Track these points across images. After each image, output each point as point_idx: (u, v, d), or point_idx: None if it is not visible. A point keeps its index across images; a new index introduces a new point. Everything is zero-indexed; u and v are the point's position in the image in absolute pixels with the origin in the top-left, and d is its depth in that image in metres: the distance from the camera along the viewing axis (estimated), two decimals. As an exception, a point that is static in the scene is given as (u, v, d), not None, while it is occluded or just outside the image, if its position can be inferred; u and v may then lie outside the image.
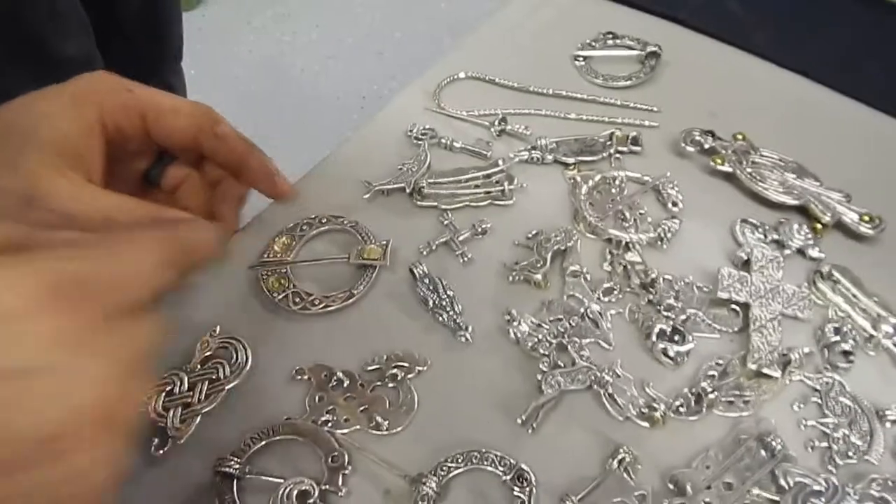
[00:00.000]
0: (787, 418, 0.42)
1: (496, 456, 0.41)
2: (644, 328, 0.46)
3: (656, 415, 0.41)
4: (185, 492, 0.42)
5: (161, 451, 0.44)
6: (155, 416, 0.45)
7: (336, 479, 0.41)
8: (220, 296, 0.51)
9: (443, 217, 0.54)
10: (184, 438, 0.44)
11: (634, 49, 0.63)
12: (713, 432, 0.42)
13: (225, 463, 0.42)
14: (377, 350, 0.47)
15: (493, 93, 0.63)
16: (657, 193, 0.53)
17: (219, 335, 0.48)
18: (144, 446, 0.44)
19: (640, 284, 0.47)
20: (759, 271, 0.47)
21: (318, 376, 0.46)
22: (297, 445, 0.44)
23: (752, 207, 0.52)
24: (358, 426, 0.44)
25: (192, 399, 0.45)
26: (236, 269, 0.52)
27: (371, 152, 0.59)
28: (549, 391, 0.43)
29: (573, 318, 0.46)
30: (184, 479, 0.43)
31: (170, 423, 0.44)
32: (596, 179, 0.53)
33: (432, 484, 0.40)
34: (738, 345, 0.45)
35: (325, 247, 0.53)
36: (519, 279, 0.49)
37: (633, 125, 0.58)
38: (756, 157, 0.52)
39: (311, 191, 0.57)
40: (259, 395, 0.46)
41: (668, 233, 0.49)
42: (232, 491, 0.42)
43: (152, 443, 0.44)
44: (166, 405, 0.45)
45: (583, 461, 0.42)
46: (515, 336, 0.46)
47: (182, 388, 0.46)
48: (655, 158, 0.56)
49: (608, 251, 0.50)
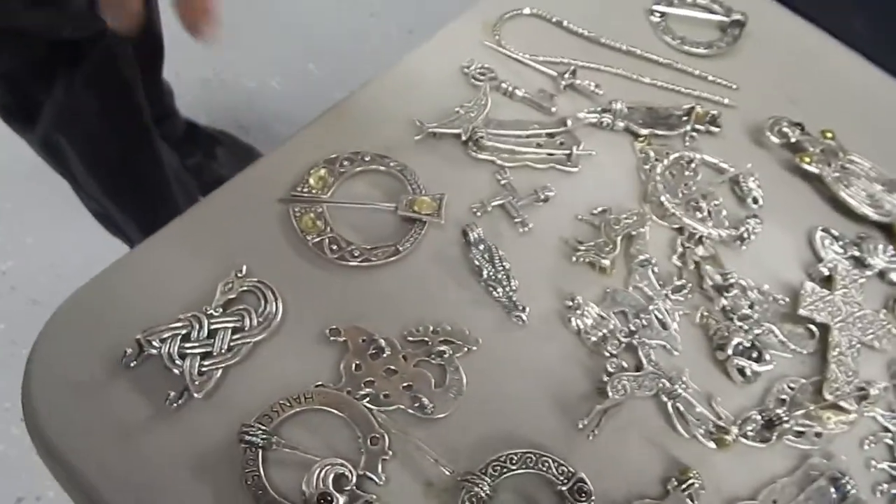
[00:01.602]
0: (855, 456, 0.39)
1: (553, 461, 0.36)
2: (717, 337, 0.41)
3: (727, 438, 0.37)
4: (202, 455, 0.36)
5: (176, 405, 0.37)
6: (169, 362, 0.38)
7: (375, 465, 0.36)
8: (246, 229, 0.43)
9: (499, 175, 0.46)
10: (202, 393, 0.37)
11: (717, 14, 0.55)
12: (780, 462, 0.38)
13: (251, 431, 0.35)
14: (421, 318, 0.41)
15: (557, 37, 0.54)
16: (734, 185, 0.47)
17: (245, 277, 0.41)
18: (158, 397, 0.37)
19: (714, 286, 0.42)
20: (841, 291, 0.42)
21: (355, 340, 0.40)
22: (329, 418, 0.37)
23: (831, 215, 0.47)
24: (399, 405, 0.38)
25: (213, 349, 0.38)
26: (264, 199, 0.44)
27: (419, 84, 0.50)
28: (616, 396, 0.38)
29: (641, 315, 0.41)
30: (202, 440, 0.36)
31: (187, 375, 0.37)
32: (671, 158, 0.47)
33: (485, 486, 0.35)
34: (809, 367, 0.41)
35: (365, 189, 0.45)
36: (583, 261, 0.43)
37: (711, 101, 0.51)
38: (845, 162, 0.47)
39: (352, 120, 0.48)
40: (288, 353, 0.39)
41: (751, 233, 0.43)
42: (257, 463, 0.35)
43: (167, 395, 0.37)
44: (182, 352, 0.38)
45: (640, 476, 0.37)
46: (577, 326, 0.40)
47: (201, 335, 0.39)
48: (732, 143, 0.49)
49: (680, 242, 0.44)
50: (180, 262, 0.42)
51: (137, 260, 0.42)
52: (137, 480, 0.36)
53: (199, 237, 0.43)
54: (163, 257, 0.42)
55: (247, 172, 0.46)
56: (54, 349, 0.39)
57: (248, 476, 0.35)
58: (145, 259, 0.42)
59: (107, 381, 0.38)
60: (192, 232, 0.43)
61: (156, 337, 0.38)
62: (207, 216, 0.44)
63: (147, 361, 0.38)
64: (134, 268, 0.42)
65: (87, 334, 0.39)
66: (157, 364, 0.38)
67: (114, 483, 0.36)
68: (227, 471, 0.36)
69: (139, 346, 0.38)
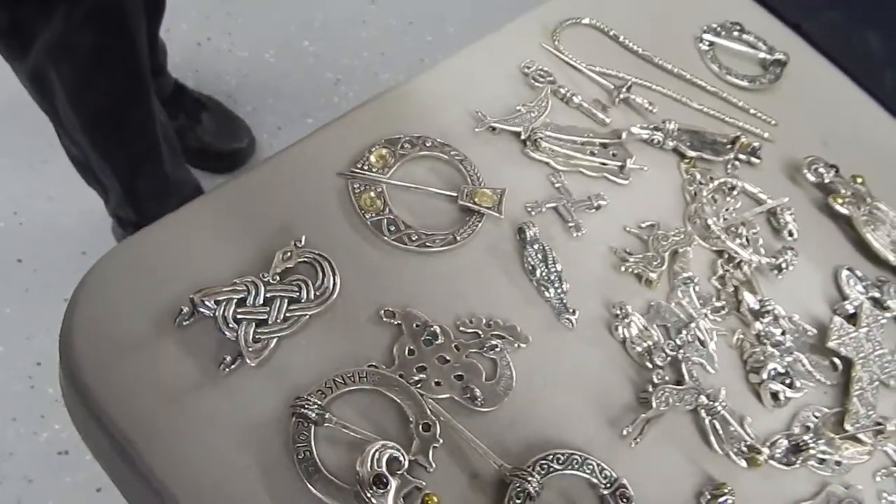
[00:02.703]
0: (867, 487, 0.40)
1: (597, 464, 0.36)
2: (751, 361, 0.41)
3: (759, 458, 0.38)
4: (251, 424, 0.35)
5: (228, 370, 0.35)
6: (223, 325, 0.36)
7: (427, 452, 0.35)
8: (303, 200, 0.41)
9: (553, 178, 0.46)
10: (256, 361, 0.35)
11: (760, 50, 0.57)
12: (802, 486, 0.39)
13: (306, 404, 0.34)
14: (472, 309, 0.40)
15: (611, 50, 0.54)
16: (771, 216, 0.48)
17: (304, 247, 0.39)
18: (208, 360, 0.35)
19: (751, 311, 0.43)
20: (865, 329, 0.43)
21: (409, 324, 0.39)
22: (380, 399, 0.36)
23: (855, 257, 0.48)
24: (451, 394, 0.37)
25: (269, 317, 0.37)
26: (322, 171, 0.43)
27: (478, 78, 0.49)
28: (661, 407, 0.38)
29: (683, 331, 0.41)
30: (251, 409, 0.35)
31: (242, 341, 0.36)
32: (716, 183, 0.48)
33: (535, 483, 0.34)
34: (830, 398, 0.42)
35: (424, 174, 0.44)
36: (631, 271, 0.43)
37: (752, 132, 0.52)
38: (873, 207, 0.49)
39: (410, 104, 0.47)
40: (341, 331, 0.38)
41: (789, 264, 0.44)
42: (309, 438, 0.34)
43: (223, 359, 0.35)
44: (238, 317, 0.36)
45: (675, 487, 0.38)
46: (623, 335, 0.41)
47: (257, 301, 0.37)
48: (768, 176, 0.50)
49: (720, 264, 0.45)
50: (235, 224, 0.40)
51: (191, 217, 0.40)
52: (181, 444, 0.34)
53: (255, 202, 0.41)
54: (217, 218, 0.40)
55: (304, 142, 0.44)
56: (98, 301, 0.37)
57: (299, 451, 0.34)
58: (199, 217, 0.40)
59: (154, 339, 0.36)
60: (248, 195, 0.41)
61: (211, 298, 0.36)
62: (264, 182, 0.42)
63: (198, 323, 0.37)
64: (187, 225, 0.40)
65: (133, 289, 0.37)
66: (207, 326, 0.37)
67: (156, 445, 0.34)
68: (276, 443, 0.34)
69: (192, 306, 0.36)
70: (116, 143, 0.95)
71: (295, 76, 1.54)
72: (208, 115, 1.34)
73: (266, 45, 1.54)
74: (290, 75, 1.54)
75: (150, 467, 0.33)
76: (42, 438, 0.96)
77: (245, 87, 1.51)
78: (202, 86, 1.43)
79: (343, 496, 0.33)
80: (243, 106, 1.48)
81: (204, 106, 1.34)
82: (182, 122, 1.29)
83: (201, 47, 1.57)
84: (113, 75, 0.87)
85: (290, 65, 1.53)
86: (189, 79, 1.44)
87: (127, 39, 0.84)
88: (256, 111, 1.48)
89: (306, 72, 1.54)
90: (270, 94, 1.52)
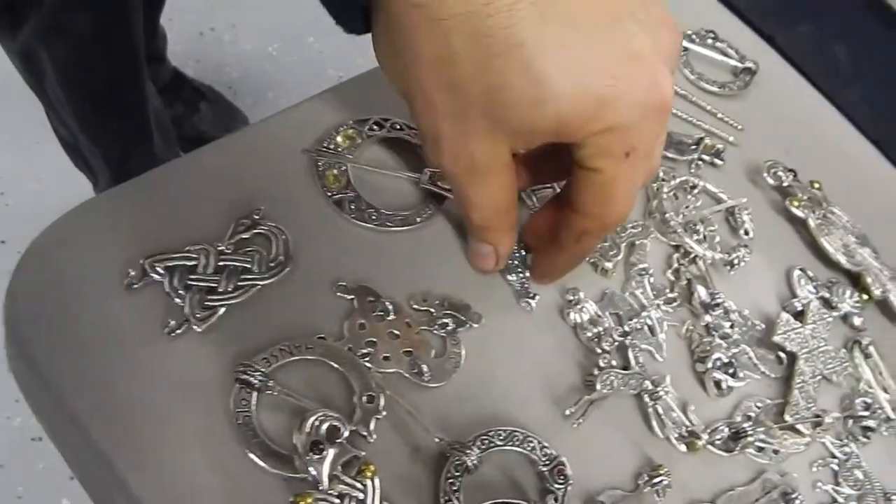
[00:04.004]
0: (804, 476, 0.40)
1: (538, 442, 0.36)
2: (699, 350, 0.41)
3: (698, 443, 0.38)
4: (193, 387, 0.34)
5: (174, 334, 0.35)
6: (171, 290, 0.36)
7: (368, 423, 0.35)
8: (266, 174, 0.41)
9: (517, 165, 0.46)
10: (203, 327, 0.35)
11: (732, 58, 0.56)
12: (738, 473, 0.39)
13: (248, 370, 0.34)
14: (429, 289, 0.40)
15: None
16: (729, 216, 0.48)
17: (262, 219, 0.39)
18: (155, 324, 0.35)
19: (702, 304, 0.43)
20: (811, 326, 0.43)
21: (362, 299, 0.38)
22: (326, 371, 0.36)
23: (809, 258, 0.48)
24: (397, 369, 0.37)
25: (220, 286, 0.36)
26: (289, 148, 0.42)
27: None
28: (604, 390, 0.38)
29: (634, 319, 0.41)
30: (195, 373, 0.35)
31: (189, 307, 0.35)
32: (678, 181, 0.47)
33: (473, 457, 0.34)
34: (774, 391, 0.42)
35: (390, 155, 0.44)
36: (588, 260, 0.43)
37: (717, 136, 0.52)
38: (827, 212, 0.48)
39: (386, 87, 0.47)
40: (293, 302, 0.38)
41: (741, 260, 0.44)
42: (250, 404, 0.34)
43: (167, 323, 0.35)
44: (187, 283, 0.36)
45: (614, 468, 0.37)
46: (574, 321, 0.40)
47: (208, 269, 0.37)
48: (730, 178, 0.50)
49: (675, 258, 0.45)
50: (195, 193, 0.40)
51: (150, 184, 0.40)
52: (122, 403, 0.34)
53: (217, 172, 0.41)
54: (177, 186, 0.40)
55: (273, 118, 0.44)
56: (48, 260, 0.36)
57: (238, 416, 0.34)
58: (159, 184, 0.40)
59: (101, 302, 0.35)
60: (211, 166, 0.41)
61: (161, 264, 0.36)
62: (229, 154, 0.42)
63: (148, 287, 0.36)
64: (146, 191, 0.39)
65: (84, 254, 0.37)
66: (157, 292, 0.36)
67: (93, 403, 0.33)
68: (217, 409, 0.34)
69: (143, 271, 0.36)
70: (107, 126, 0.94)
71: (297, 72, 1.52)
72: (207, 104, 1.33)
73: (270, 39, 1.52)
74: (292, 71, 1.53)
75: (86, 426, 0.32)
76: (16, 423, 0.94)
77: (246, 79, 1.50)
78: (202, 76, 1.41)
79: (280, 462, 0.33)
80: (243, 98, 1.47)
81: (203, 95, 1.33)
82: (180, 110, 1.28)
83: (204, 37, 1.56)
84: (106, 58, 0.86)
85: (293, 60, 1.52)
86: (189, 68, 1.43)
87: (123, 22, 0.83)
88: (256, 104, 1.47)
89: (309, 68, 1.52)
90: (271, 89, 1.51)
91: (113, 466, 0.32)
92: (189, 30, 1.47)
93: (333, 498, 0.32)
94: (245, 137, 0.43)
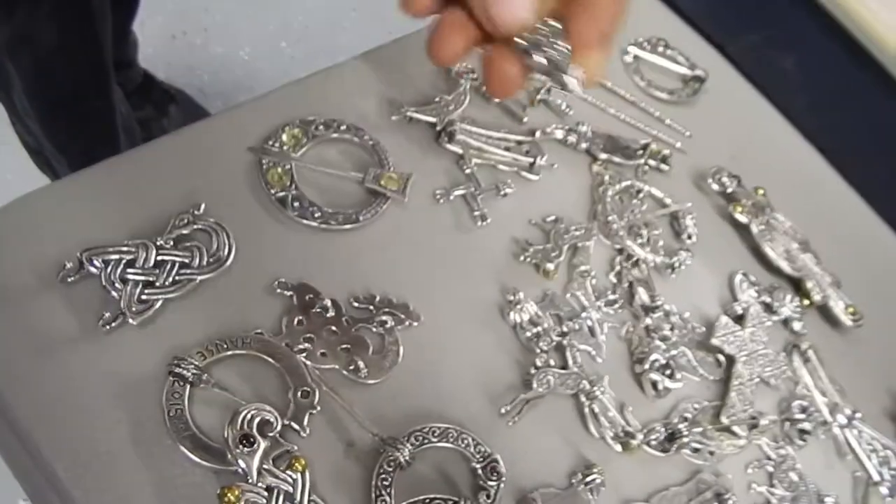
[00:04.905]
0: (739, 478, 0.41)
1: (473, 439, 0.37)
2: (637, 352, 0.42)
3: (633, 443, 0.38)
4: (126, 381, 0.34)
5: (108, 327, 0.35)
6: (108, 284, 0.36)
7: (302, 418, 0.35)
8: (211, 171, 0.41)
9: (464, 164, 0.47)
10: (139, 321, 0.35)
11: (682, 66, 0.58)
12: (674, 473, 0.40)
13: (182, 364, 0.34)
14: (369, 287, 0.41)
15: (538, 55, 0.56)
16: (673, 220, 0.49)
17: (202, 215, 0.39)
18: (90, 317, 0.35)
19: (643, 306, 0.44)
20: (750, 330, 0.44)
21: (301, 296, 0.39)
22: (263, 366, 0.37)
23: (752, 263, 0.50)
24: (335, 365, 0.37)
25: (157, 280, 0.37)
26: (235, 145, 0.43)
27: (402, 69, 0.50)
28: (540, 389, 0.38)
29: (574, 320, 0.42)
30: (129, 367, 0.35)
31: (125, 300, 0.36)
32: (623, 185, 0.49)
33: (406, 452, 0.35)
34: (713, 393, 0.43)
35: (336, 156, 0.45)
36: (530, 261, 0.44)
37: (665, 142, 0.53)
38: (771, 217, 0.50)
39: (333, 88, 0.48)
40: (232, 298, 0.38)
41: (682, 264, 0.46)
42: (183, 398, 0.34)
43: (101, 316, 0.35)
44: (124, 277, 0.36)
45: (549, 466, 0.38)
46: (514, 320, 0.41)
47: (146, 263, 0.37)
48: (676, 183, 0.52)
49: (618, 261, 0.46)
50: (137, 189, 0.40)
51: (91, 179, 0.40)
52: (53, 394, 0.34)
53: (161, 168, 0.41)
54: (119, 181, 0.40)
55: (220, 115, 0.44)
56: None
57: (171, 408, 0.34)
58: (100, 179, 0.40)
59: (36, 294, 0.36)
60: (155, 161, 0.41)
61: (99, 257, 0.36)
62: (173, 150, 0.42)
63: (84, 280, 0.36)
64: (86, 186, 0.40)
65: (23, 243, 0.37)
66: (94, 285, 0.36)
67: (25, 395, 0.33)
68: (151, 402, 0.34)
69: (79, 264, 0.36)
70: (73, 134, 0.94)
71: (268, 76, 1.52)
72: (176, 108, 1.32)
73: (242, 43, 1.52)
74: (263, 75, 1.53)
75: (14, 417, 0.32)
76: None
77: (217, 83, 1.49)
78: (174, 79, 1.41)
79: (211, 455, 0.33)
80: (213, 101, 1.47)
81: (173, 98, 1.33)
82: (149, 112, 1.28)
83: (175, 40, 1.55)
84: (72, 68, 0.85)
85: (264, 64, 1.52)
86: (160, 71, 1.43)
87: (89, 32, 0.83)
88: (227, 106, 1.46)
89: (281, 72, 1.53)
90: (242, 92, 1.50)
91: (42, 456, 0.32)
92: (161, 33, 1.46)
93: (262, 491, 0.32)
94: (190, 134, 0.43)
